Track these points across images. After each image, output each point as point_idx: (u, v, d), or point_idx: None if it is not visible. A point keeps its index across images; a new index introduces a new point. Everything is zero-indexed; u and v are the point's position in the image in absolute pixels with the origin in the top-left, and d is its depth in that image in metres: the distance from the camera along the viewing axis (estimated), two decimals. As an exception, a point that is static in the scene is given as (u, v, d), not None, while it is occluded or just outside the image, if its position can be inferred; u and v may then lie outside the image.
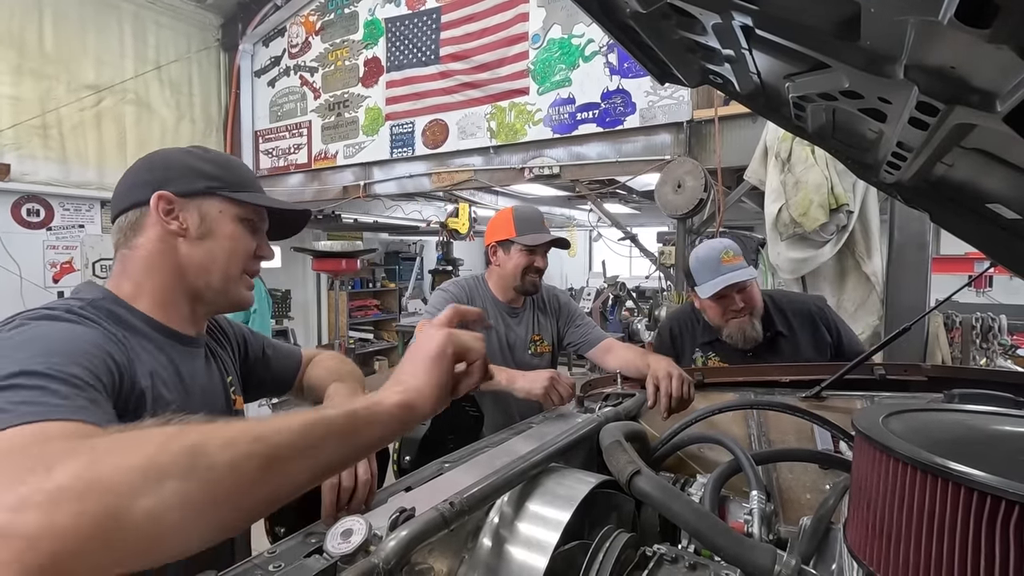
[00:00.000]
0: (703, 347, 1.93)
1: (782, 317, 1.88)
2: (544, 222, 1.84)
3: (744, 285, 1.77)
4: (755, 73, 0.98)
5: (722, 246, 1.81)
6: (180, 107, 6.16)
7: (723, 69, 1.02)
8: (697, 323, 1.96)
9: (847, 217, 2.73)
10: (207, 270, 0.88)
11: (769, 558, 0.67)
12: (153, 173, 0.87)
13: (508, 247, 1.81)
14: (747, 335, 1.80)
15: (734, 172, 3.83)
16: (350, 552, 0.60)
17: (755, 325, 1.80)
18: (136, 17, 5.76)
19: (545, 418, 1.25)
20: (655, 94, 3.99)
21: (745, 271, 1.76)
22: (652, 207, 6.38)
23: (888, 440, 0.56)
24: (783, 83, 0.90)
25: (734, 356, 1.87)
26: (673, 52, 0.98)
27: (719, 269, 1.76)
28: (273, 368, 1.11)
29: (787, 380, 1.45)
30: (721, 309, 1.81)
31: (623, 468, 0.79)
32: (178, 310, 0.89)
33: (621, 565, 0.67)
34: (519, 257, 1.78)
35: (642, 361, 1.48)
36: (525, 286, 1.81)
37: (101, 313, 0.79)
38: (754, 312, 1.80)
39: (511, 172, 4.69)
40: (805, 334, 1.85)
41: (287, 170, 6.17)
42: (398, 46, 5.24)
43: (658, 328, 2.16)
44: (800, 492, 1.17)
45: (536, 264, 1.79)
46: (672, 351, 1.97)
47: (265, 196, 0.95)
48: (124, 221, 0.87)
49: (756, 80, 1.01)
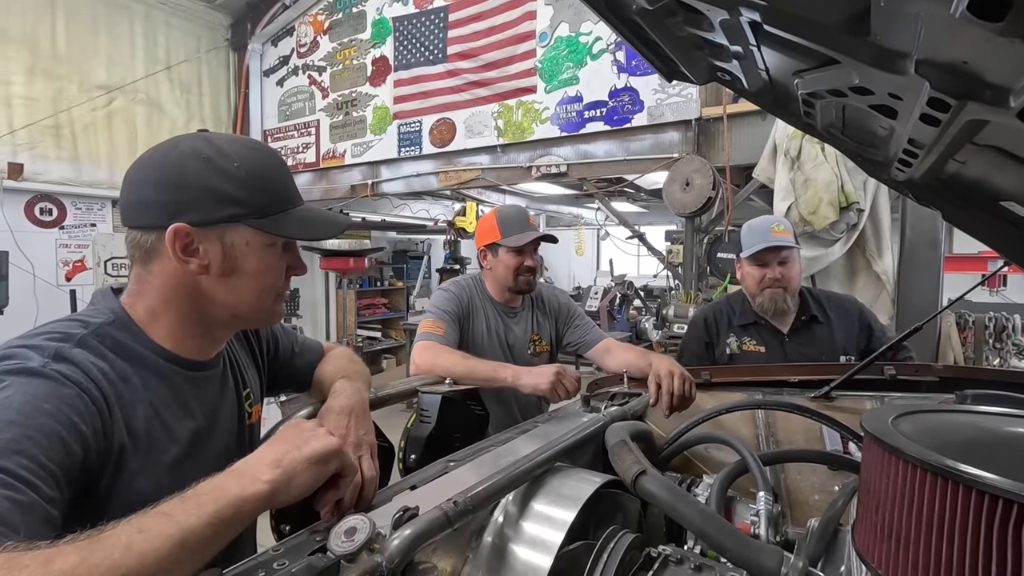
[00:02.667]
0: (738, 331, 1.95)
1: (819, 305, 1.93)
2: (530, 219, 1.84)
3: (786, 258, 1.83)
4: (764, 70, 0.97)
5: (776, 220, 1.89)
6: (190, 107, 6.21)
7: (731, 66, 1.01)
8: (732, 310, 1.99)
9: (857, 215, 2.71)
10: (234, 305, 0.82)
11: (775, 560, 0.66)
12: (168, 193, 0.75)
13: (496, 250, 1.82)
14: (778, 306, 1.85)
15: (743, 170, 3.80)
16: (353, 551, 0.60)
17: (788, 299, 1.85)
18: (147, 18, 5.81)
19: (551, 417, 1.25)
20: (663, 92, 3.96)
21: (788, 240, 1.83)
22: (660, 205, 6.35)
23: (897, 441, 0.55)
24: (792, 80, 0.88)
25: (770, 339, 1.90)
26: (680, 49, 0.98)
27: (767, 237, 1.83)
28: (298, 365, 1.09)
29: (796, 380, 1.44)
30: (759, 276, 1.86)
31: (628, 468, 0.79)
32: (197, 339, 0.83)
33: (626, 566, 0.66)
34: (508, 258, 1.79)
35: (643, 361, 1.48)
36: (519, 285, 1.82)
37: (106, 343, 0.75)
38: (789, 289, 1.85)
39: (518, 171, 4.69)
40: (840, 324, 1.89)
41: (296, 169, 6.20)
42: (406, 45, 5.25)
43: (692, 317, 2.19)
44: (808, 493, 1.16)
45: (526, 263, 1.79)
46: (705, 335, 1.99)
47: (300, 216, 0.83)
48: (138, 238, 0.78)
49: (765, 77, 1.00)
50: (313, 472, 0.70)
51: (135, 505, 0.60)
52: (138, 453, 0.74)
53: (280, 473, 0.66)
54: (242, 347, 0.99)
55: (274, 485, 0.65)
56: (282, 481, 0.66)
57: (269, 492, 0.65)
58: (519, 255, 1.78)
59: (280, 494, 0.66)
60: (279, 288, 0.86)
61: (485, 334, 1.78)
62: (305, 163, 6.11)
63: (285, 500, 0.68)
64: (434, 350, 1.55)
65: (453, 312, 1.72)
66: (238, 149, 0.79)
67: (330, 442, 0.73)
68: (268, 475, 0.65)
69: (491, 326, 1.81)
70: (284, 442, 0.71)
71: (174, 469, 0.78)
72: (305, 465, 0.68)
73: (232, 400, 0.92)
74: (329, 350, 1.13)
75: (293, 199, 0.84)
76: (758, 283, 1.87)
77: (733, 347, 1.94)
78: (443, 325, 1.66)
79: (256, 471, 0.66)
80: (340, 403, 0.90)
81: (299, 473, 0.68)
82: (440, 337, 1.62)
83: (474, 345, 1.74)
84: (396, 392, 1.17)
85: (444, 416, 1.12)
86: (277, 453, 0.69)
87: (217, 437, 0.87)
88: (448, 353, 1.55)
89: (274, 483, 0.65)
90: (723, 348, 1.95)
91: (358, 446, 0.84)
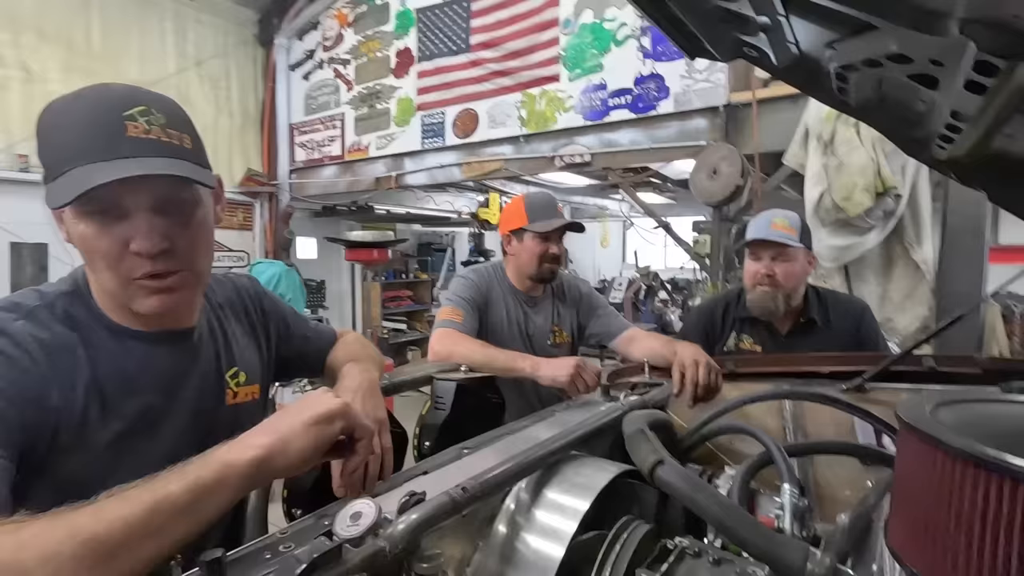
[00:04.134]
0: (738, 325, 1.88)
1: (821, 308, 1.83)
2: (558, 207, 1.81)
3: (781, 255, 1.74)
4: (793, 43, 0.91)
5: (782, 214, 1.80)
6: (219, 102, 6.33)
7: (758, 40, 0.96)
8: (738, 300, 1.91)
9: (895, 201, 2.58)
10: (98, 281, 0.76)
11: (800, 555, 0.62)
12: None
13: (521, 235, 1.79)
14: (764, 305, 1.77)
15: (773, 158, 3.69)
16: (358, 535, 0.59)
17: (778, 300, 1.76)
18: (177, 15, 5.93)
19: (569, 406, 1.22)
20: (690, 78, 3.86)
21: (786, 237, 1.73)
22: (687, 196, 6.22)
23: (937, 431, 0.51)
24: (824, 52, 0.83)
25: (767, 340, 1.83)
26: (704, 23, 0.93)
27: (764, 230, 1.75)
28: (310, 351, 1.08)
29: (827, 371, 1.37)
30: (753, 271, 1.78)
31: (646, 457, 0.76)
32: (127, 311, 0.78)
33: (639, 557, 0.63)
34: (533, 244, 1.76)
35: (668, 349, 1.43)
36: (542, 273, 1.79)
37: (56, 314, 0.73)
38: (782, 288, 1.75)
39: (542, 161, 4.64)
40: (843, 331, 1.79)
41: (321, 162, 6.27)
42: (429, 36, 5.24)
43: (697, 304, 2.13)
44: (838, 489, 1.11)
45: (551, 251, 1.76)
46: (708, 325, 1.92)
47: (76, 175, 0.66)
48: None
49: (794, 50, 0.95)
50: (313, 434, 0.65)
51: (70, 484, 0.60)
52: (71, 429, 0.71)
53: (276, 438, 0.63)
54: (239, 324, 0.97)
55: (267, 449, 0.62)
56: (276, 445, 0.62)
57: (261, 456, 0.61)
58: (545, 241, 1.75)
59: (277, 458, 0.62)
60: (122, 269, 0.73)
61: (505, 323, 1.76)
62: (331, 156, 6.17)
63: (285, 466, 0.64)
64: (453, 337, 1.54)
65: (472, 300, 1.70)
66: (47, 119, 0.72)
67: (332, 402, 0.69)
68: (261, 440, 0.62)
69: (511, 315, 1.79)
70: (285, 412, 0.68)
71: (117, 446, 0.75)
72: (303, 428, 0.65)
73: (206, 376, 0.87)
74: (342, 335, 1.13)
75: (75, 156, 0.68)
76: (751, 278, 1.79)
77: (730, 344, 1.87)
78: (462, 313, 1.64)
79: (250, 439, 0.63)
80: (347, 383, 0.89)
81: (297, 435, 0.64)
82: (459, 325, 1.60)
83: (493, 334, 1.72)
84: (410, 379, 1.16)
85: (459, 404, 1.10)
86: (274, 421, 0.66)
87: (176, 413, 0.82)
88: (467, 341, 1.53)
89: (268, 447, 0.62)
90: (722, 344, 1.88)
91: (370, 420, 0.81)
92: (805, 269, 1.80)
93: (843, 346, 1.74)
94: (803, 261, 1.79)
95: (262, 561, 0.59)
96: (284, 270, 4.65)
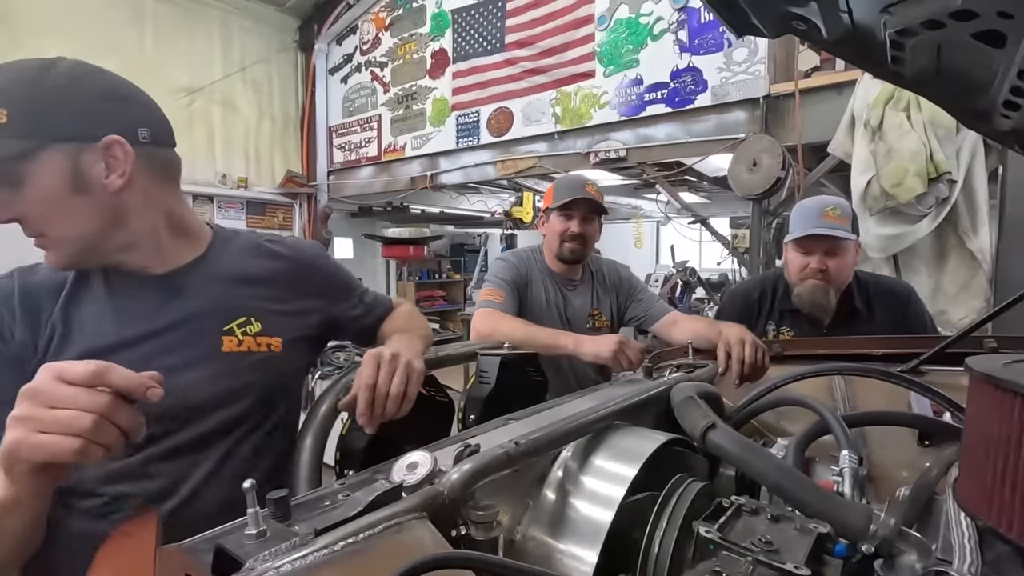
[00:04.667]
0: (777, 315, 1.80)
1: (863, 295, 1.74)
2: (588, 187, 1.80)
3: (836, 249, 1.64)
4: (846, 11, 0.89)
5: (833, 202, 1.68)
6: (261, 106, 6.54)
7: (808, 10, 0.93)
8: (776, 290, 1.83)
9: (949, 187, 2.46)
10: None
11: (863, 517, 0.60)
12: None
13: (549, 215, 1.84)
14: (816, 300, 1.67)
15: (814, 150, 3.58)
16: (415, 483, 0.60)
17: (830, 294, 1.67)
18: (223, 23, 6.16)
19: (613, 383, 1.21)
20: (728, 70, 3.79)
21: (840, 228, 1.63)
22: (724, 196, 6.09)
23: (1015, 377, 0.49)
24: (879, 18, 0.81)
25: (808, 332, 1.74)
26: (752, -6, 0.92)
27: (816, 222, 1.64)
28: (361, 317, 1.11)
29: (879, 353, 1.32)
30: (801, 264, 1.69)
31: (697, 422, 0.75)
32: None
33: (695, 513, 0.63)
34: (556, 222, 1.79)
35: (712, 330, 1.40)
36: (563, 252, 1.79)
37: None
38: (835, 283, 1.66)
39: (576, 157, 4.63)
40: (886, 317, 1.70)
41: (359, 163, 6.40)
42: (464, 36, 5.30)
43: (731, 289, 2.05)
44: (895, 469, 1.07)
45: (571, 230, 1.77)
46: (744, 312, 1.84)
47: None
48: None
49: (847, 20, 0.92)
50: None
51: None
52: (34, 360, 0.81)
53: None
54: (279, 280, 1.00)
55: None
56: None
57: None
58: (566, 220, 1.77)
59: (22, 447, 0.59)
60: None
61: (544, 304, 1.77)
62: (367, 157, 6.29)
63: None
64: (495, 316, 1.56)
65: (512, 280, 1.72)
66: None
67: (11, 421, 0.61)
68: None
69: (550, 296, 1.79)
70: None
71: None
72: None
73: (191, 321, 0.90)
74: (397, 306, 1.15)
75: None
76: (799, 272, 1.69)
77: (769, 335, 1.79)
78: (503, 293, 1.66)
79: None
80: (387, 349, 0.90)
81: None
82: (500, 305, 1.62)
83: (532, 315, 1.72)
84: (455, 353, 1.17)
85: (503, 379, 1.11)
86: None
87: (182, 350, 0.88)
88: (509, 319, 1.54)
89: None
90: (759, 332, 1.78)
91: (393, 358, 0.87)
92: (855, 260, 1.72)
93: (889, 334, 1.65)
94: (854, 252, 1.71)
95: (322, 505, 0.60)
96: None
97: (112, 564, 0.53)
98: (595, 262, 1.94)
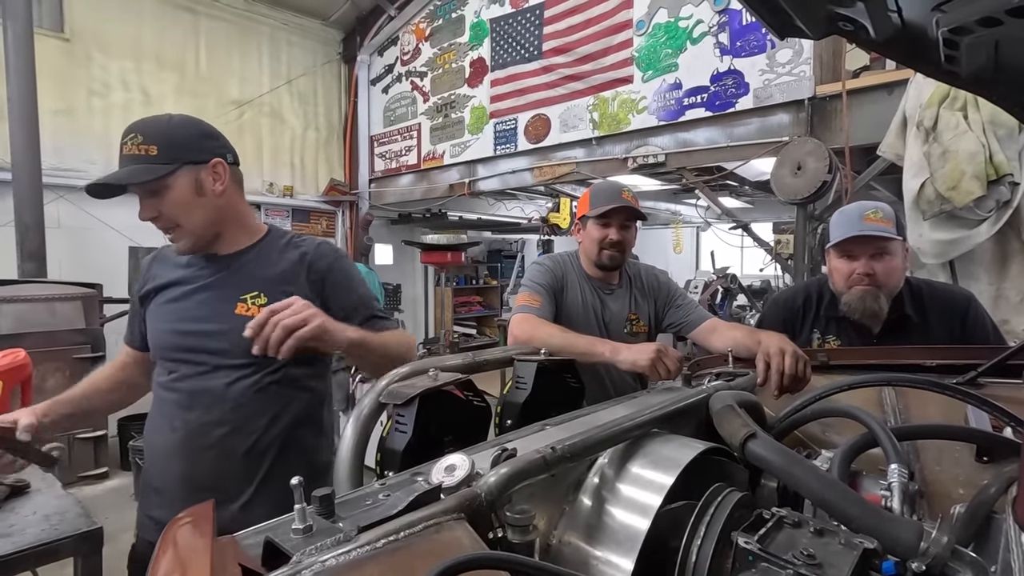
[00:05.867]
0: (823, 323, 1.72)
1: (916, 301, 1.64)
2: (624, 193, 1.78)
3: (882, 251, 1.57)
4: (895, 10, 0.87)
5: (873, 206, 1.60)
6: (306, 117, 6.78)
7: (855, 11, 0.91)
8: (822, 296, 1.75)
9: (1010, 190, 2.33)
10: None
11: (914, 533, 0.58)
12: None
13: (585, 222, 1.83)
14: (867, 306, 1.58)
15: (864, 152, 3.46)
16: (454, 485, 0.61)
17: (880, 299, 1.58)
18: (272, 38, 6.43)
19: (651, 391, 1.20)
20: (771, 72, 3.71)
21: (884, 230, 1.55)
22: (766, 201, 5.93)
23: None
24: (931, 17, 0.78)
25: (856, 341, 1.66)
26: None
27: (858, 225, 1.57)
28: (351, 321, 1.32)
29: (933, 364, 1.26)
30: (846, 271, 1.61)
31: (736, 431, 0.74)
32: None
33: (734, 522, 0.62)
34: (593, 230, 1.79)
35: (752, 339, 1.36)
36: (602, 260, 1.79)
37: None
38: (884, 288, 1.58)
39: (614, 162, 4.60)
40: (942, 326, 1.60)
41: (399, 171, 6.55)
42: (502, 45, 5.36)
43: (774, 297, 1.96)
44: (950, 486, 1.02)
45: (609, 237, 1.76)
46: (788, 320, 1.76)
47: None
48: None
49: (896, 19, 0.90)
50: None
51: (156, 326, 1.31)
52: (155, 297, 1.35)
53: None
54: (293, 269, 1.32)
55: None
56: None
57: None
58: (604, 228, 1.76)
59: None
60: None
61: (580, 309, 1.76)
62: (407, 165, 6.43)
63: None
64: (532, 322, 1.56)
65: (548, 285, 1.72)
66: None
67: None
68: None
69: (587, 301, 1.78)
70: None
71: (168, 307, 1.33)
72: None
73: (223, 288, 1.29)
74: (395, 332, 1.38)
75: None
76: (845, 279, 1.61)
77: (814, 344, 1.70)
78: (539, 298, 1.66)
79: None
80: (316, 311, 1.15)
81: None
82: (536, 310, 1.62)
83: (569, 320, 1.72)
84: (493, 359, 1.18)
85: (539, 385, 1.11)
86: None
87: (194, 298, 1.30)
88: (546, 325, 1.54)
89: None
90: (803, 341, 1.70)
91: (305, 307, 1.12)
92: (904, 263, 1.64)
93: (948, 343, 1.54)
94: (902, 255, 1.62)
95: (364, 503, 0.62)
96: (365, 272, 4.90)
97: (174, 550, 0.56)
98: (633, 267, 1.93)
